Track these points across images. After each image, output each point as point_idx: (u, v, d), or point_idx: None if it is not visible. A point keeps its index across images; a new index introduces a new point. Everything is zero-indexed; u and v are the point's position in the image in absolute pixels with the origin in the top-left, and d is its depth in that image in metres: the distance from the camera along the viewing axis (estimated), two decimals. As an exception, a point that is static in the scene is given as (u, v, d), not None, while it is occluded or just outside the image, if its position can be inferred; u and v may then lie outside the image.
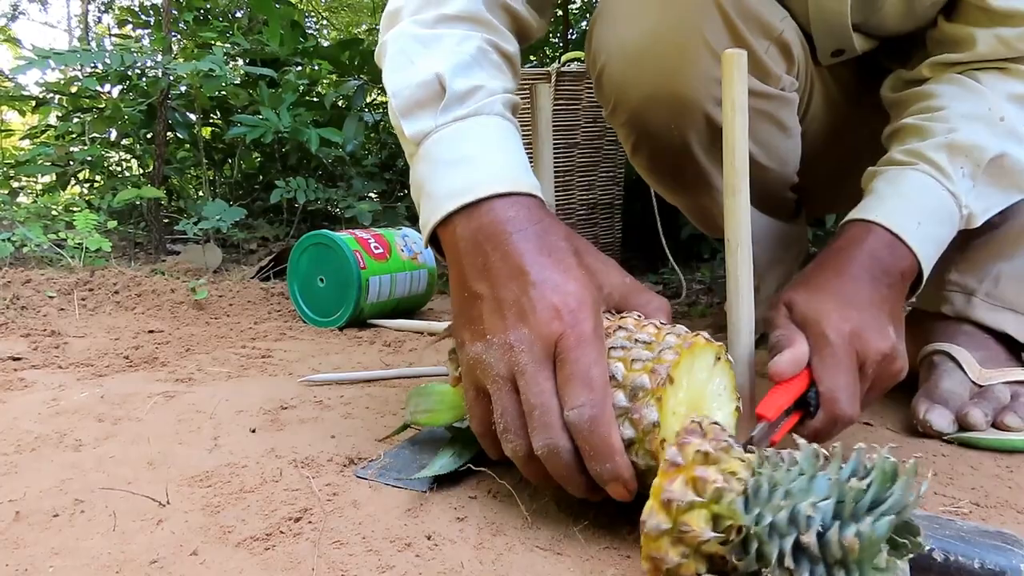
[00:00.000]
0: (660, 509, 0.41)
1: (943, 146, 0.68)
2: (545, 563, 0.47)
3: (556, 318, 0.49)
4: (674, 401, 0.48)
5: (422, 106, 0.59)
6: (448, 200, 0.55)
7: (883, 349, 0.60)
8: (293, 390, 0.86)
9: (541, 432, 0.49)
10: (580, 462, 0.49)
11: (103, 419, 0.75)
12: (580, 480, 0.49)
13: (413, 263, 1.36)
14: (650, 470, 0.47)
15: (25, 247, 1.71)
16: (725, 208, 0.59)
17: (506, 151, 0.57)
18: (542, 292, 0.50)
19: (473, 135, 0.57)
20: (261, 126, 1.96)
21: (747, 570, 0.39)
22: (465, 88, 0.58)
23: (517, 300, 0.51)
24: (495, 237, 0.53)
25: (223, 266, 1.88)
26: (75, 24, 5.21)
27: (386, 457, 0.63)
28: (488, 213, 0.53)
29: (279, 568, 0.46)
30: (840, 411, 0.58)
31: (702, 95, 0.74)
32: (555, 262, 0.52)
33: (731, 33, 0.73)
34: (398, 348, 1.12)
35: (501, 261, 0.52)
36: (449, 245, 0.56)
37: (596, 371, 0.48)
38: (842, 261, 0.65)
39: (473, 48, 0.60)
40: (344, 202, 2.09)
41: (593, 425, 0.47)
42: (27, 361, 0.99)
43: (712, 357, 0.52)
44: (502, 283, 0.52)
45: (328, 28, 4.11)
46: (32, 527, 0.52)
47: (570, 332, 0.49)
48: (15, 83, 2.42)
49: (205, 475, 0.60)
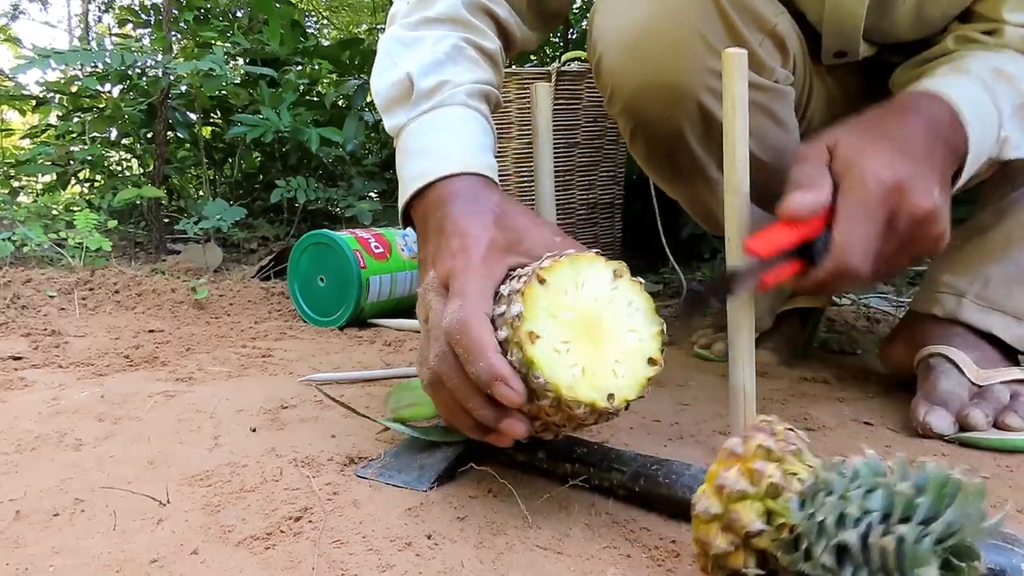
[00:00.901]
0: (712, 493, 0.42)
1: (990, 69, 0.67)
2: (545, 562, 0.47)
3: (451, 256, 0.55)
4: (551, 303, 0.49)
5: (397, 103, 0.66)
6: (410, 185, 0.62)
7: (924, 206, 0.55)
8: (293, 389, 0.86)
9: (432, 347, 0.52)
10: (463, 374, 0.50)
11: (103, 418, 0.75)
12: (470, 394, 0.50)
13: (414, 262, 1.36)
14: (531, 376, 0.47)
15: (25, 246, 1.71)
16: (725, 206, 0.59)
17: (462, 137, 0.63)
18: (450, 240, 0.56)
19: (436, 126, 0.63)
20: (261, 125, 1.96)
21: (792, 568, 0.39)
22: (432, 84, 0.64)
23: (434, 251, 0.57)
24: (436, 209, 0.59)
25: (223, 266, 1.88)
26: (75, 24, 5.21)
27: (386, 456, 0.63)
28: (433, 191, 0.60)
29: (279, 567, 0.46)
30: (849, 260, 0.53)
31: (695, 84, 0.75)
32: (470, 217, 0.57)
33: (725, 24, 0.74)
34: (398, 348, 1.12)
35: (435, 226, 0.59)
36: (414, 221, 0.64)
37: (472, 287, 0.51)
38: (902, 113, 0.61)
39: (448, 46, 0.67)
40: (344, 201, 2.09)
41: (462, 326, 0.49)
42: (27, 360, 0.99)
43: (606, 272, 0.52)
44: (430, 242, 0.59)
45: (328, 28, 4.11)
46: (32, 526, 0.52)
47: (459, 263, 0.54)
48: (15, 82, 2.41)
49: (205, 474, 0.60)
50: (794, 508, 0.39)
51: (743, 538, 0.40)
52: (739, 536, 0.40)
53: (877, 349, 1.09)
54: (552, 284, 0.50)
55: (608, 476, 0.56)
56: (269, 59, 2.30)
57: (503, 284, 0.53)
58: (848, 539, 0.36)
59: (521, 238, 0.56)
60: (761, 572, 0.40)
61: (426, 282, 0.57)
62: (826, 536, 0.37)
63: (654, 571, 0.46)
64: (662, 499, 0.54)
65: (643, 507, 0.55)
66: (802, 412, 0.79)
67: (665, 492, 0.53)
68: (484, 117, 0.66)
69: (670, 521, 0.53)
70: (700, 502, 0.42)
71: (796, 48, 0.82)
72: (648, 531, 0.52)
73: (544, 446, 0.60)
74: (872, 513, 0.37)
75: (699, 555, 0.43)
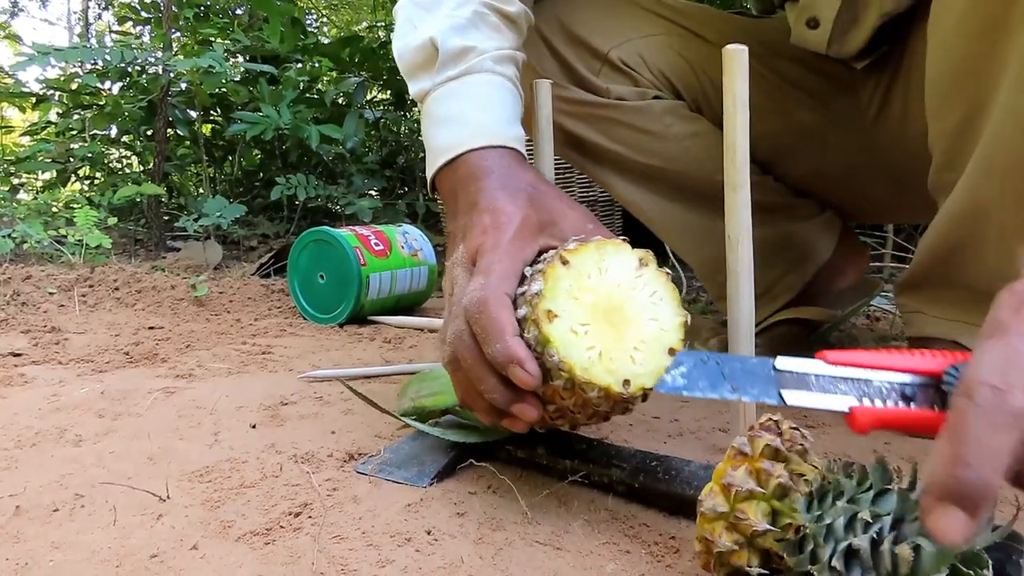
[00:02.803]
0: (719, 492, 0.42)
1: None
2: (545, 558, 0.47)
3: (481, 232, 0.54)
4: (573, 285, 0.49)
5: (421, 68, 0.65)
6: (439, 156, 0.61)
7: None
8: (293, 386, 0.86)
9: (451, 324, 0.52)
10: (479, 353, 0.50)
11: (103, 415, 0.75)
12: (484, 373, 0.50)
13: (413, 260, 1.36)
14: (545, 354, 0.47)
15: (25, 244, 1.71)
16: (725, 204, 0.59)
17: (490, 107, 0.62)
18: (482, 216, 0.55)
19: (463, 93, 0.63)
20: (261, 123, 1.96)
21: (798, 569, 0.39)
22: (457, 49, 0.63)
23: (465, 226, 0.56)
24: (467, 184, 0.59)
25: (223, 263, 1.88)
26: (75, 21, 5.21)
27: (386, 452, 0.63)
28: (464, 165, 0.59)
29: (279, 562, 0.46)
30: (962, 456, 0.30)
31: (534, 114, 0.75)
32: (504, 194, 0.56)
33: (558, 61, 0.88)
34: (398, 344, 1.12)
35: (465, 201, 0.58)
36: (442, 195, 0.63)
37: (498, 266, 0.51)
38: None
39: (469, 12, 0.66)
40: (344, 199, 2.09)
41: (482, 306, 0.49)
42: (27, 357, 0.99)
43: (631, 259, 0.51)
44: (461, 216, 0.58)
45: (328, 25, 4.10)
46: (32, 521, 0.52)
47: (489, 240, 0.53)
48: (15, 79, 2.41)
49: (205, 470, 0.60)
50: (802, 509, 0.39)
51: (748, 537, 0.40)
52: (744, 535, 0.41)
53: (877, 344, 1.09)
54: (575, 266, 0.49)
55: (608, 472, 0.56)
56: (269, 56, 2.30)
57: (529, 265, 0.53)
58: (859, 543, 0.36)
59: (554, 219, 0.56)
60: (765, 572, 0.40)
61: (455, 256, 0.56)
62: (834, 538, 0.37)
63: (653, 567, 0.47)
64: (661, 495, 0.54)
65: (643, 503, 0.55)
66: (801, 410, 0.79)
67: (664, 488, 0.53)
68: (512, 83, 0.66)
69: (670, 517, 0.53)
70: (707, 500, 0.42)
71: (665, 64, 0.91)
72: (648, 527, 0.52)
73: (544, 442, 0.60)
74: (883, 518, 0.37)
75: (702, 552, 0.43)
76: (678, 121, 0.92)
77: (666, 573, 0.46)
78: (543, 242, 0.55)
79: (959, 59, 0.64)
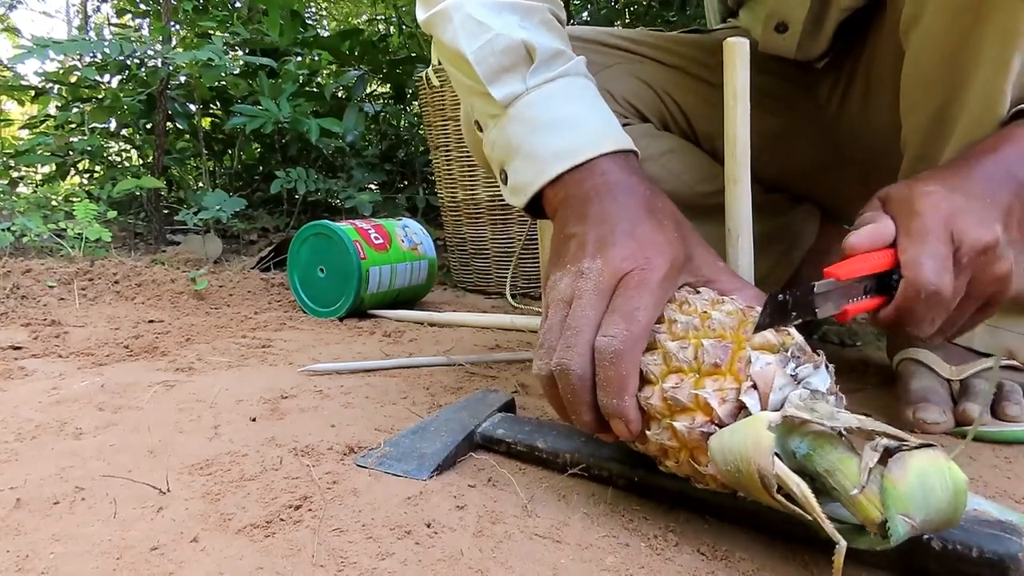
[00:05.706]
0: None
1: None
2: (544, 551, 0.47)
3: (630, 257, 0.51)
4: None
5: (508, 71, 0.62)
6: (557, 161, 0.58)
7: (983, 238, 0.51)
8: (293, 379, 0.86)
9: (563, 352, 0.50)
10: (589, 391, 0.49)
11: (103, 408, 0.75)
12: (584, 409, 0.50)
13: (413, 253, 1.36)
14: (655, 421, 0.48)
15: (25, 237, 1.71)
16: (726, 197, 0.59)
17: (600, 110, 0.61)
18: (630, 234, 0.52)
19: (567, 95, 0.61)
20: (261, 116, 1.95)
21: None
22: (550, 52, 0.62)
23: (603, 236, 0.53)
24: (606, 192, 0.56)
25: (223, 256, 1.88)
26: (74, 13, 5.19)
27: (386, 446, 0.63)
28: (599, 173, 0.57)
29: (279, 555, 0.46)
30: (924, 278, 0.49)
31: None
32: (653, 220, 0.54)
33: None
34: (398, 338, 1.12)
35: (603, 208, 0.55)
36: (557, 200, 0.59)
37: (643, 314, 0.49)
38: (963, 160, 0.57)
39: (544, 17, 0.66)
40: (344, 193, 2.08)
41: (617, 358, 0.48)
42: (27, 350, 0.99)
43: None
44: (597, 224, 0.54)
45: (328, 18, 4.09)
46: (33, 514, 0.52)
47: (637, 272, 0.50)
48: (14, 72, 2.41)
49: (205, 463, 0.60)
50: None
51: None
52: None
53: (877, 341, 1.09)
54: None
55: (607, 465, 0.56)
56: (268, 49, 2.29)
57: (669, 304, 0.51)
58: None
59: (692, 254, 0.54)
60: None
61: (582, 265, 0.52)
62: None
63: (653, 560, 0.47)
64: (661, 489, 0.54)
65: (642, 496, 0.55)
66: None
67: (664, 482, 0.53)
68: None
69: (669, 511, 0.53)
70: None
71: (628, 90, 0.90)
72: (647, 520, 0.52)
73: (543, 435, 0.60)
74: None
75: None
76: (653, 142, 0.91)
77: (666, 566, 0.46)
78: (682, 279, 0.53)
79: (935, 51, 0.65)
